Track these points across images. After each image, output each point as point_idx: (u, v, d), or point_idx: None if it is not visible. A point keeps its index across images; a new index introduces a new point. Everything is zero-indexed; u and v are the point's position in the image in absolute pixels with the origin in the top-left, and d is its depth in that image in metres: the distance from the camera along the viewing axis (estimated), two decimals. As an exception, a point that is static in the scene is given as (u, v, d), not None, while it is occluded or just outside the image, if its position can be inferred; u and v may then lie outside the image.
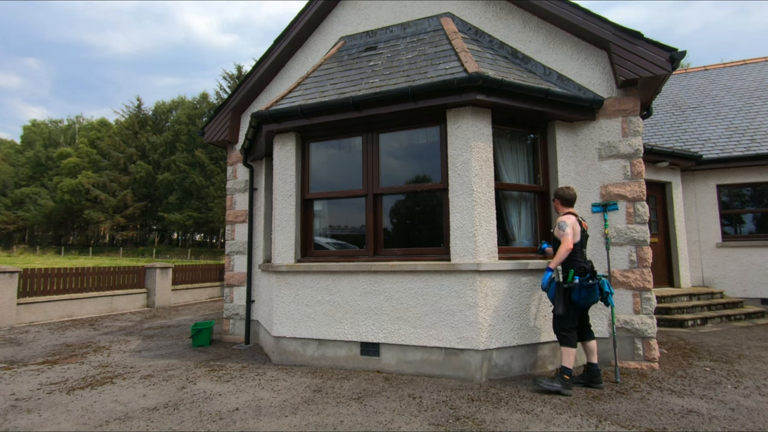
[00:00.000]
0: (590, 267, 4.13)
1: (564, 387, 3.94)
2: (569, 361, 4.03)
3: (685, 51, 4.51)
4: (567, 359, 4.04)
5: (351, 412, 3.58)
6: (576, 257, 4.13)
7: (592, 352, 4.21)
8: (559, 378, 3.98)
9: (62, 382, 4.61)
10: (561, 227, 4.15)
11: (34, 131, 69.16)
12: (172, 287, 11.89)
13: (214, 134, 7.24)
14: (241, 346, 6.32)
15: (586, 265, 4.12)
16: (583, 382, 4.17)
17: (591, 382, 4.13)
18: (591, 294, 4.01)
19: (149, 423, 3.46)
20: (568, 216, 4.23)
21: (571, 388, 3.98)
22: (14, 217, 57.56)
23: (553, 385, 3.95)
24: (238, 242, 7.09)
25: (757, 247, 8.72)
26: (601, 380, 4.12)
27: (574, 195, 4.36)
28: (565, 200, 4.36)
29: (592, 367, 4.16)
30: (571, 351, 4.06)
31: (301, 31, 6.69)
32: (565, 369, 4.00)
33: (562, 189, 4.40)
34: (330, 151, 5.59)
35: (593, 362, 4.17)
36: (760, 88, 10.85)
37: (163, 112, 59.15)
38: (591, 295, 4.02)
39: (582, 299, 4.01)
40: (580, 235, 4.18)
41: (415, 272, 4.66)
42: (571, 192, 4.36)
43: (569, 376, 3.98)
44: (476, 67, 4.49)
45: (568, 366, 4.01)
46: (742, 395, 3.91)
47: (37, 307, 8.98)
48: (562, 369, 4.02)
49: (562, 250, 4.06)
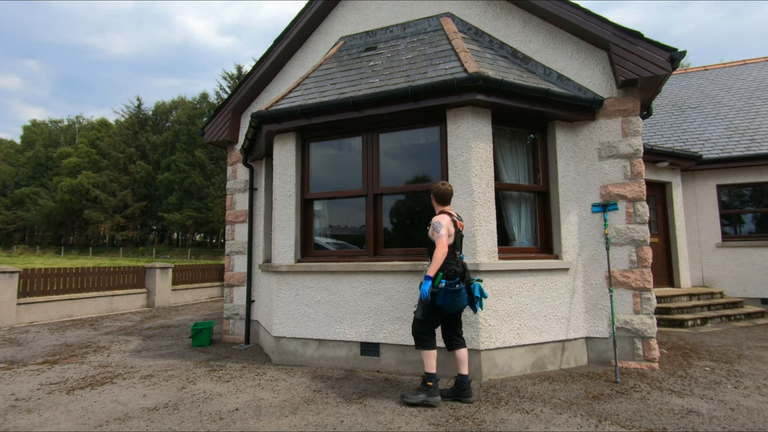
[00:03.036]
0: (461, 270, 3.80)
1: (429, 395, 3.69)
2: (431, 366, 3.76)
3: (685, 51, 4.51)
4: (428, 363, 3.76)
5: (351, 412, 3.58)
6: (448, 259, 3.78)
7: (461, 362, 3.81)
8: (423, 386, 3.74)
9: (62, 382, 4.61)
10: (435, 228, 3.81)
11: (35, 131, 69.19)
12: (172, 287, 11.88)
13: (214, 134, 7.24)
14: (241, 346, 6.32)
15: (457, 269, 3.77)
16: (451, 395, 3.79)
17: (460, 395, 3.76)
18: (457, 299, 3.69)
19: (149, 423, 3.46)
20: (443, 216, 3.89)
21: (438, 395, 3.71)
22: (14, 217, 57.59)
23: (418, 396, 3.70)
24: (238, 242, 7.09)
25: (757, 247, 8.72)
26: (470, 394, 3.75)
27: (449, 192, 4.02)
28: (439, 197, 4.03)
29: (461, 379, 3.78)
30: (431, 354, 3.77)
31: (301, 31, 6.69)
32: (428, 375, 3.74)
33: (437, 185, 4.05)
34: (330, 151, 5.59)
35: (463, 373, 3.79)
36: (760, 88, 10.85)
37: (163, 112, 59.19)
38: (457, 301, 3.70)
39: (447, 304, 3.70)
40: (454, 236, 3.86)
41: (415, 272, 4.65)
42: (446, 189, 4.01)
43: (433, 382, 3.71)
44: (476, 67, 4.49)
45: (430, 371, 3.75)
46: (742, 395, 3.91)
47: (37, 307, 8.98)
48: (426, 376, 3.75)
49: (438, 254, 3.71)
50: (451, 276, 3.74)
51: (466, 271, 3.87)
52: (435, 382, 3.74)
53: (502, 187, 4.94)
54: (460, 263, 3.85)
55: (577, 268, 5.00)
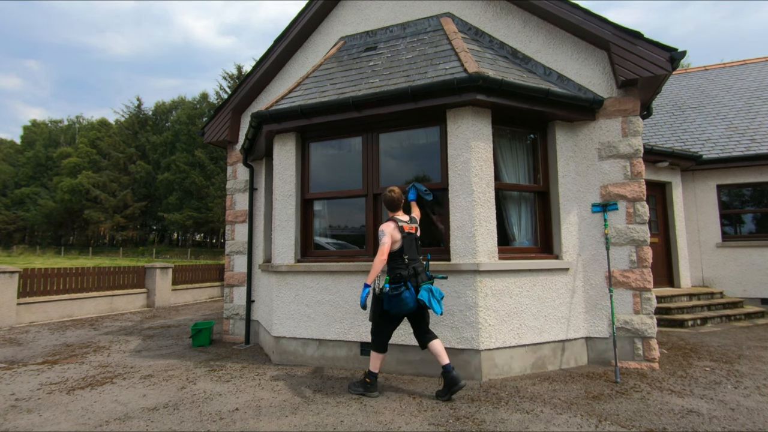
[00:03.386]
0: (409, 274, 3.82)
1: (366, 390, 3.94)
2: (375, 366, 3.97)
3: (685, 51, 4.51)
4: (373, 363, 3.97)
5: (351, 412, 3.58)
6: (396, 264, 3.88)
7: (438, 354, 3.86)
8: (363, 381, 4.00)
9: (62, 382, 4.61)
10: (379, 236, 3.92)
11: (35, 131, 69.19)
12: (172, 287, 11.88)
13: (214, 134, 7.24)
14: (241, 346, 6.32)
15: (404, 272, 3.81)
16: (444, 393, 3.81)
17: (451, 387, 3.77)
18: (401, 303, 3.71)
19: (149, 423, 3.46)
20: (388, 223, 3.97)
21: (375, 391, 3.94)
22: (14, 217, 57.59)
23: (358, 389, 3.98)
24: (238, 242, 7.09)
25: (757, 247, 8.72)
26: (459, 379, 3.77)
27: (395, 198, 4.07)
28: (386, 204, 4.14)
29: (445, 369, 3.80)
30: (377, 355, 3.97)
31: (301, 32, 6.68)
32: (369, 373, 3.98)
33: (384, 192, 4.15)
34: (330, 151, 5.58)
35: (444, 363, 3.81)
36: (760, 88, 10.85)
37: (163, 112, 59.19)
38: (402, 304, 3.72)
39: (393, 308, 3.77)
40: (401, 240, 3.90)
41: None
42: (392, 196, 4.07)
43: (371, 379, 3.95)
44: (476, 67, 4.49)
45: (373, 370, 3.97)
46: (742, 395, 3.91)
47: (37, 307, 8.98)
48: (367, 372, 4.00)
49: (376, 261, 3.84)
50: (396, 280, 3.82)
51: (419, 274, 3.88)
52: (374, 380, 3.98)
53: (502, 187, 4.94)
54: (410, 267, 3.88)
55: (577, 268, 5.00)
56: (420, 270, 3.91)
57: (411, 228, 4.03)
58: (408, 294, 3.75)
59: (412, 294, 3.76)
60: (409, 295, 3.76)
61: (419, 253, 4.06)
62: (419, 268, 3.92)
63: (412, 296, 3.76)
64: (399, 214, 4.11)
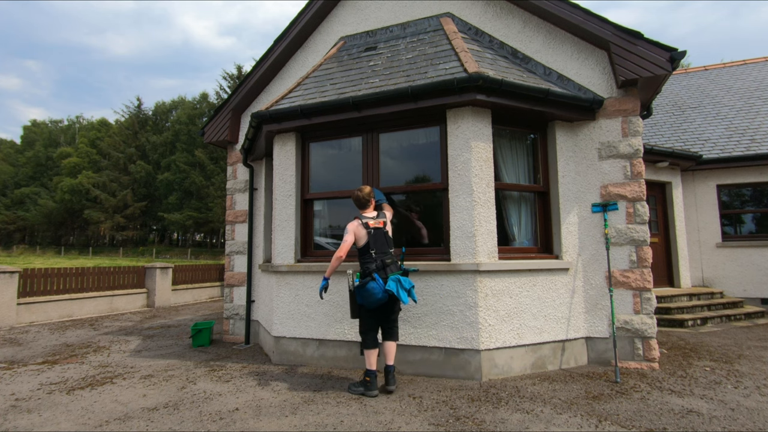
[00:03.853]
0: (376, 267, 4.00)
1: (366, 389, 3.98)
2: (370, 363, 4.05)
3: (685, 51, 4.51)
4: (368, 361, 4.06)
5: (351, 412, 3.58)
6: (364, 259, 4.08)
7: (388, 354, 4.10)
8: (362, 381, 4.06)
9: (62, 382, 4.61)
10: (344, 234, 4.15)
11: (35, 131, 69.19)
12: (172, 287, 11.88)
13: (214, 134, 7.24)
14: (241, 346, 6.32)
15: (371, 266, 4.01)
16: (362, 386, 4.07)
17: (386, 384, 4.04)
18: (370, 294, 3.89)
19: (149, 423, 3.46)
20: (353, 221, 4.17)
21: (375, 390, 3.99)
22: (14, 217, 57.56)
23: (358, 389, 4.04)
24: (238, 242, 7.09)
25: (757, 247, 8.72)
26: (390, 383, 4.02)
27: (361, 197, 4.26)
28: (355, 203, 4.34)
29: (387, 368, 4.08)
30: (368, 352, 4.07)
31: (301, 32, 6.68)
32: (367, 371, 4.04)
33: (354, 191, 4.34)
34: (330, 151, 5.58)
35: (389, 363, 4.09)
36: (760, 88, 10.85)
37: (163, 112, 59.16)
38: (370, 295, 3.89)
39: (365, 300, 3.95)
40: (366, 237, 4.08)
41: (414, 272, 4.65)
42: (357, 195, 4.28)
43: (371, 377, 4.01)
44: (476, 67, 4.49)
45: (369, 368, 4.04)
46: (742, 395, 3.91)
47: (37, 307, 8.98)
48: (365, 372, 4.06)
49: (334, 257, 4.09)
50: (365, 274, 4.02)
51: (387, 265, 4.03)
52: (373, 378, 4.02)
53: (502, 187, 4.94)
54: (379, 260, 4.05)
55: (577, 268, 5.00)
56: (389, 262, 4.06)
57: (378, 223, 4.18)
58: (375, 285, 3.91)
59: (379, 285, 3.91)
60: (376, 285, 3.91)
61: (389, 246, 4.18)
62: (387, 260, 4.06)
63: (380, 287, 3.91)
64: (367, 211, 4.30)
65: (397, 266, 4.10)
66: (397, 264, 4.13)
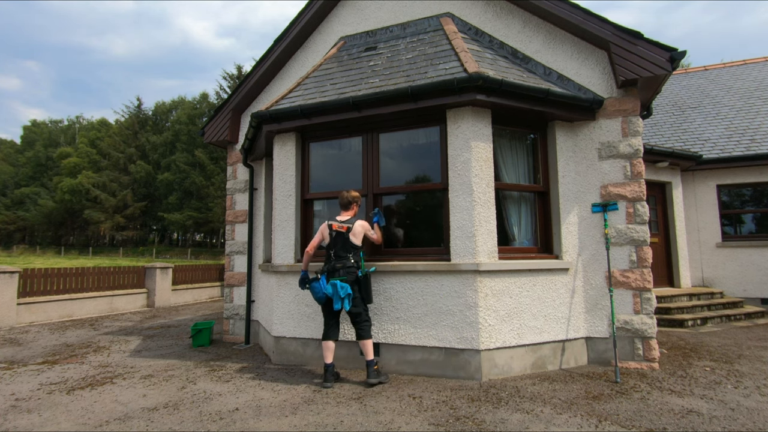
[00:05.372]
0: (329, 268, 4.34)
1: (322, 381, 4.29)
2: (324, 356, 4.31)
3: (685, 51, 4.50)
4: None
5: (351, 412, 3.58)
6: (324, 258, 4.49)
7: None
8: (377, 371, 4.26)
9: (62, 382, 4.61)
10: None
11: (35, 131, 69.20)
12: (172, 287, 11.89)
13: (214, 134, 7.24)
14: (241, 346, 6.32)
15: (323, 267, 4.40)
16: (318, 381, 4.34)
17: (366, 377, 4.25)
18: (313, 292, 4.32)
19: (149, 423, 3.46)
20: (325, 222, 4.52)
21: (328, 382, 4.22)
22: (14, 217, 57.57)
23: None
24: (238, 242, 7.09)
25: (757, 247, 8.72)
26: (370, 375, 4.21)
27: (344, 197, 4.58)
28: (338, 201, 4.66)
29: (327, 366, 4.29)
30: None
31: (301, 32, 6.68)
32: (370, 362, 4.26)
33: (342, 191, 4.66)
34: (330, 151, 5.58)
35: (366, 359, 4.29)
36: (760, 88, 10.85)
37: (163, 112, 59.17)
38: (312, 292, 4.32)
39: (315, 298, 4.34)
40: (328, 238, 4.43)
41: (415, 272, 4.66)
42: (344, 194, 4.59)
43: (324, 370, 4.28)
44: (476, 67, 4.49)
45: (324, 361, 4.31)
46: (742, 395, 3.91)
47: (37, 307, 8.98)
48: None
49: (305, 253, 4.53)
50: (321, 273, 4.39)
51: (336, 270, 4.32)
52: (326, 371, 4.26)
53: (502, 187, 4.94)
54: (331, 262, 4.36)
55: (577, 268, 5.00)
56: (338, 267, 4.32)
57: (341, 227, 4.43)
58: (317, 285, 4.30)
59: (320, 286, 4.27)
60: (317, 286, 4.29)
61: (347, 251, 4.39)
62: (338, 265, 4.33)
63: (320, 288, 4.27)
64: (344, 214, 4.57)
65: (348, 272, 4.31)
66: (349, 270, 4.32)
